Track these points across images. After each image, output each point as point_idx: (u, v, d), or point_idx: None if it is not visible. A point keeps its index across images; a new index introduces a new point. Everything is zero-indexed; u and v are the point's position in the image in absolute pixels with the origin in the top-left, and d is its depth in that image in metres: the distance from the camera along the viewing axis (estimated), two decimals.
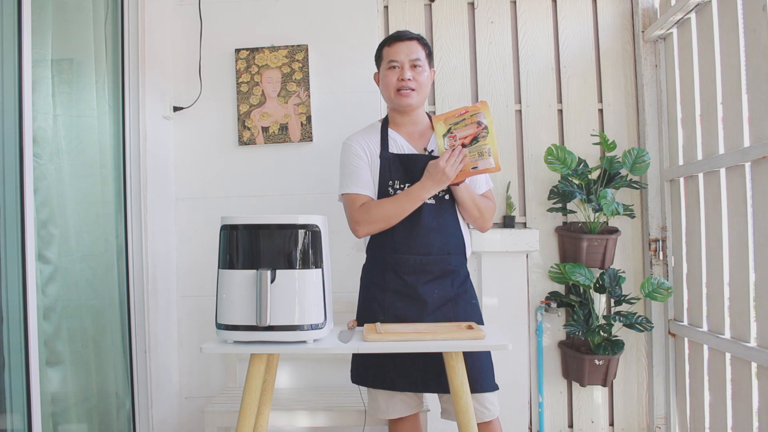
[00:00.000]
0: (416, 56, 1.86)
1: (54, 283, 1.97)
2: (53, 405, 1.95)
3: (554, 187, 2.68)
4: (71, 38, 2.18)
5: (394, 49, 1.88)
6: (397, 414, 1.92)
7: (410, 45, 1.87)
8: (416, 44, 1.88)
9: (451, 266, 1.87)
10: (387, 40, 1.92)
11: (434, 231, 1.84)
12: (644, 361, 2.73)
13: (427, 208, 1.84)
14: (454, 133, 1.78)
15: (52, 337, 1.95)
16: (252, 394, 1.59)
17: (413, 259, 1.85)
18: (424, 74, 1.88)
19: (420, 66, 1.87)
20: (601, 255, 2.60)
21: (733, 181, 2.16)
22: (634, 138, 2.77)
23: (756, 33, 1.97)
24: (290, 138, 2.72)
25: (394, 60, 1.87)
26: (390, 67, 1.88)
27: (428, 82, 1.91)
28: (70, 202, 2.10)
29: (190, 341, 2.74)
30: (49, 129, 1.97)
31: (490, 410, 1.84)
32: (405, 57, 1.86)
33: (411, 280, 1.85)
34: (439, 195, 1.86)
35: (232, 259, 1.60)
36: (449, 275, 1.87)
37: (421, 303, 1.84)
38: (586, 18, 2.80)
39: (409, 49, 1.86)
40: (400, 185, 1.87)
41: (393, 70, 1.87)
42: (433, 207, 1.86)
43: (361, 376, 1.93)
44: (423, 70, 1.88)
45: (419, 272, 1.85)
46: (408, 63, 1.86)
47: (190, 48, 2.77)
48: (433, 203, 1.86)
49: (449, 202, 1.88)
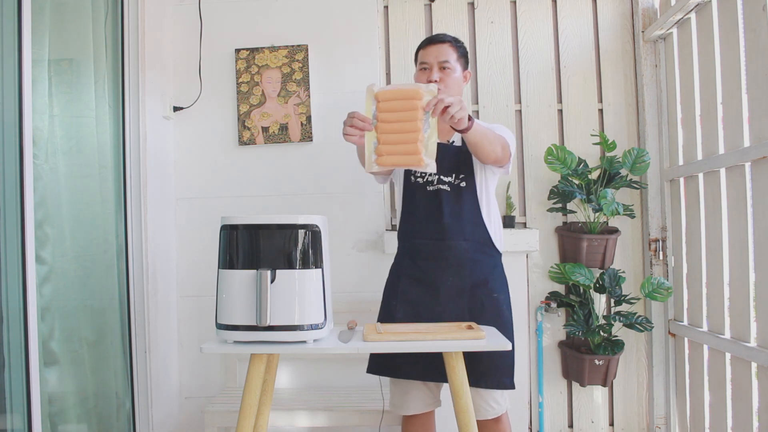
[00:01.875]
0: (445, 58, 1.90)
1: (53, 283, 1.97)
2: (53, 405, 1.95)
3: (554, 187, 2.68)
4: (71, 38, 2.18)
5: (426, 51, 1.94)
6: (412, 410, 1.92)
7: (441, 48, 1.91)
8: (447, 47, 1.92)
9: (468, 254, 1.86)
10: (422, 43, 1.98)
11: (450, 217, 1.86)
12: (644, 361, 2.73)
13: (444, 194, 1.87)
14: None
15: (51, 337, 1.95)
16: (252, 394, 1.59)
17: (428, 243, 1.88)
18: (452, 75, 1.91)
19: (449, 68, 1.90)
20: (601, 255, 2.60)
21: (733, 181, 2.16)
22: (634, 138, 2.77)
23: (756, 33, 1.97)
24: (290, 138, 2.72)
25: (425, 62, 1.93)
26: (421, 69, 1.94)
27: (458, 83, 1.93)
28: (70, 203, 2.10)
29: (190, 341, 2.74)
30: (46, 129, 1.97)
31: (493, 408, 1.85)
32: (434, 59, 1.91)
33: (425, 266, 1.88)
34: (455, 183, 1.88)
35: (232, 259, 1.60)
36: (466, 264, 1.86)
37: (434, 290, 1.85)
38: (586, 18, 2.80)
39: (439, 52, 1.91)
40: (420, 173, 1.92)
41: (423, 71, 1.93)
42: (449, 194, 1.88)
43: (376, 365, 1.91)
44: (452, 71, 1.90)
45: (433, 258, 1.87)
46: (437, 65, 1.90)
47: (190, 48, 2.77)
48: (449, 190, 1.88)
49: (467, 190, 1.89)
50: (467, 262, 1.86)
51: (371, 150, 1.67)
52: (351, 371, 2.69)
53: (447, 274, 1.86)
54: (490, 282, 1.88)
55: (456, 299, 1.85)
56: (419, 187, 1.93)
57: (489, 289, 1.87)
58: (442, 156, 1.81)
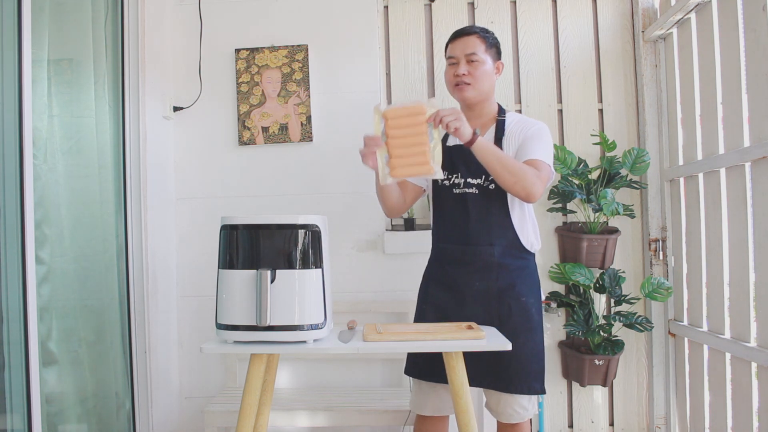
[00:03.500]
0: (472, 50, 1.86)
1: (53, 283, 1.97)
2: (53, 405, 1.95)
3: (554, 187, 2.67)
4: (71, 38, 2.19)
5: (453, 45, 1.91)
6: (428, 411, 1.91)
7: (467, 40, 1.88)
8: (474, 38, 1.87)
9: (494, 259, 1.82)
10: (450, 36, 1.94)
11: (476, 221, 1.83)
12: (644, 361, 2.73)
13: (471, 197, 1.84)
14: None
15: (51, 337, 1.95)
16: (252, 394, 1.59)
17: (453, 248, 1.86)
18: (481, 67, 1.86)
19: (476, 60, 1.85)
20: (601, 255, 2.60)
21: (733, 181, 2.16)
22: (634, 138, 2.77)
23: (756, 33, 1.97)
24: (290, 138, 2.72)
25: (452, 56, 1.90)
26: (450, 64, 1.91)
27: (487, 75, 1.87)
28: (70, 203, 2.10)
29: (190, 341, 2.74)
30: (45, 129, 1.97)
31: (519, 413, 1.83)
32: (461, 52, 1.87)
33: (452, 271, 1.86)
34: (484, 185, 1.84)
35: (232, 259, 1.60)
36: (493, 269, 1.82)
37: (460, 295, 1.84)
38: (586, 18, 2.80)
39: (466, 44, 1.87)
40: (447, 175, 1.88)
41: (452, 66, 1.90)
42: (477, 196, 1.84)
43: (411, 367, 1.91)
44: (480, 63, 1.86)
45: (460, 263, 1.85)
46: (464, 58, 1.87)
47: (190, 48, 2.77)
48: (476, 193, 1.84)
49: (495, 192, 1.83)
50: (494, 267, 1.83)
51: (383, 164, 1.73)
52: (351, 371, 2.70)
53: (473, 279, 1.83)
54: (517, 285, 1.83)
55: (484, 304, 1.82)
56: (445, 190, 1.89)
57: (517, 293, 1.82)
58: (470, 158, 1.78)
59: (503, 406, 1.83)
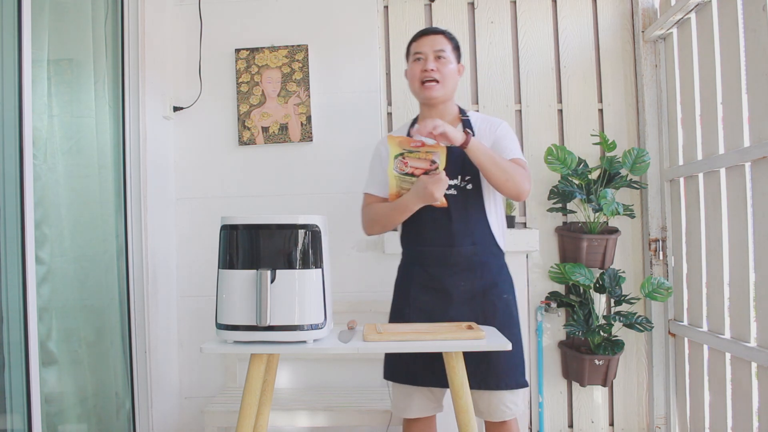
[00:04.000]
0: (441, 47, 1.88)
1: (53, 283, 1.97)
2: (53, 405, 1.95)
3: (554, 187, 2.67)
4: (71, 38, 2.18)
5: (420, 42, 1.91)
6: (414, 414, 1.91)
7: (435, 38, 1.89)
8: (442, 37, 1.90)
9: (477, 258, 1.85)
10: (414, 36, 1.95)
11: (458, 222, 1.83)
12: (644, 361, 2.73)
13: (450, 199, 1.83)
14: (407, 160, 1.76)
15: (51, 337, 1.95)
16: (252, 394, 1.59)
17: (437, 250, 1.86)
18: (448, 66, 1.88)
19: (444, 57, 1.87)
20: (601, 255, 2.60)
21: (733, 181, 2.16)
22: (634, 138, 2.77)
23: (756, 33, 1.97)
24: (290, 138, 2.72)
25: (419, 52, 1.90)
26: (415, 60, 1.91)
27: (453, 75, 1.90)
28: (70, 203, 2.10)
29: (190, 341, 2.74)
30: (45, 129, 1.97)
31: (510, 409, 1.83)
32: (429, 48, 1.88)
33: (435, 273, 1.86)
34: (461, 185, 1.85)
35: (232, 259, 1.60)
36: (476, 268, 1.85)
37: (446, 296, 1.84)
38: (586, 18, 2.80)
39: (434, 42, 1.89)
40: None
41: (418, 62, 1.90)
42: (456, 197, 1.85)
43: (391, 372, 1.93)
44: (448, 62, 1.88)
45: (443, 264, 1.85)
46: (432, 54, 1.87)
47: (190, 48, 2.77)
48: (455, 194, 1.85)
49: (472, 192, 1.85)
50: (477, 266, 1.85)
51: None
52: (351, 371, 2.70)
53: (458, 279, 1.84)
54: (499, 284, 1.87)
55: (469, 303, 1.84)
56: None
57: (499, 291, 1.86)
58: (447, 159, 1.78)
59: (495, 404, 1.82)
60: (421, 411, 1.91)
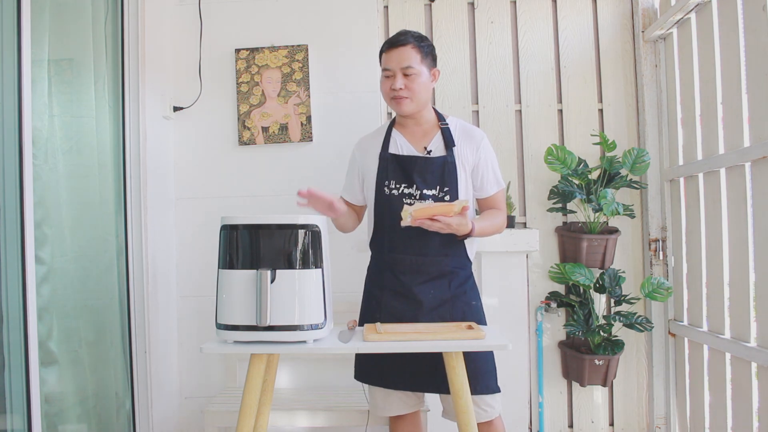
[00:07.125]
0: (407, 63, 1.81)
1: (53, 283, 1.97)
2: (53, 405, 1.95)
3: (554, 187, 2.67)
4: (71, 38, 2.18)
5: (388, 56, 1.85)
6: (395, 411, 1.92)
7: (402, 52, 1.82)
8: (409, 49, 1.82)
9: (448, 268, 1.87)
10: (383, 45, 1.89)
11: (431, 233, 1.81)
12: (644, 361, 2.73)
13: None
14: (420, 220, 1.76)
15: (51, 338, 1.95)
16: (252, 394, 1.59)
17: (409, 259, 1.86)
18: (417, 80, 1.82)
19: (413, 74, 1.82)
20: (601, 255, 2.60)
21: (733, 181, 2.16)
22: (634, 138, 2.77)
23: (756, 33, 1.97)
24: (290, 138, 2.72)
25: (387, 68, 1.85)
26: (385, 76, 1.87)
27: (424, 87, 1.85)
28: (70, 203, 2.10)
29: (190, 341, 2.74)
30: (45, 129, 1.97)
31: (487, 411, 1.85)
32: (396, 65, 1.82)
33: (406, 280, 1.86)
34: (439, 196, 1.85)
35: (232, 259, 1.60)
36: (446, 276, 1.87)
37: (417, 303, 1.85)
38: (586, 18, 2.80)
39: (401, 57, 1.82)
40: (395, 185, 1.87)
41: (387, 78, 1.86)
42: None
43: (362, 374, 1.94)
44: (417, 76, 1.82)
45: (414, 272, 1.86)
46: (400, 71, 1.82)
47: (190, 48, 2.77)
48: None
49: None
50: (447, 275, 1.87)
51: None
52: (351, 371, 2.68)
53: (428, 287, 1.86)
54: (468, 291, 1.90)
55: (438, 309, 1.85)
56: (396, 200, 1.86)
57: (468, 298, 1.89)
58: (425, 169, 1.82)
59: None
60: (401, 409, 1.92)
